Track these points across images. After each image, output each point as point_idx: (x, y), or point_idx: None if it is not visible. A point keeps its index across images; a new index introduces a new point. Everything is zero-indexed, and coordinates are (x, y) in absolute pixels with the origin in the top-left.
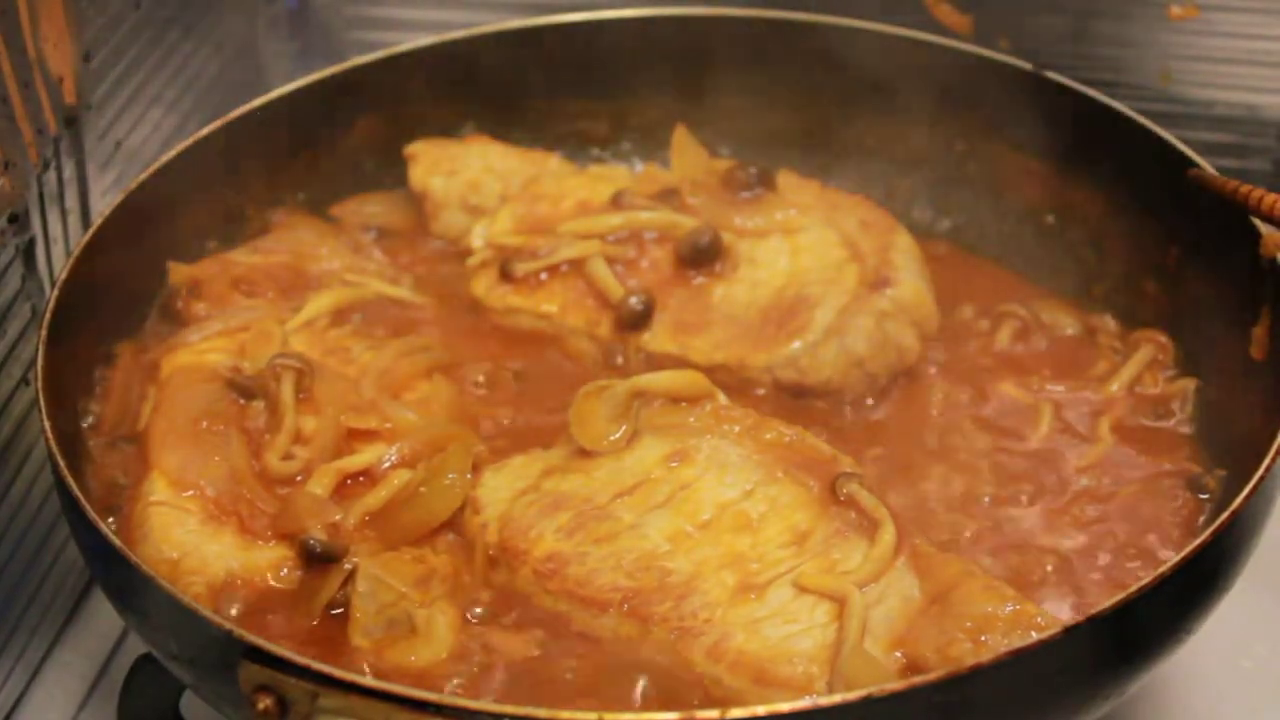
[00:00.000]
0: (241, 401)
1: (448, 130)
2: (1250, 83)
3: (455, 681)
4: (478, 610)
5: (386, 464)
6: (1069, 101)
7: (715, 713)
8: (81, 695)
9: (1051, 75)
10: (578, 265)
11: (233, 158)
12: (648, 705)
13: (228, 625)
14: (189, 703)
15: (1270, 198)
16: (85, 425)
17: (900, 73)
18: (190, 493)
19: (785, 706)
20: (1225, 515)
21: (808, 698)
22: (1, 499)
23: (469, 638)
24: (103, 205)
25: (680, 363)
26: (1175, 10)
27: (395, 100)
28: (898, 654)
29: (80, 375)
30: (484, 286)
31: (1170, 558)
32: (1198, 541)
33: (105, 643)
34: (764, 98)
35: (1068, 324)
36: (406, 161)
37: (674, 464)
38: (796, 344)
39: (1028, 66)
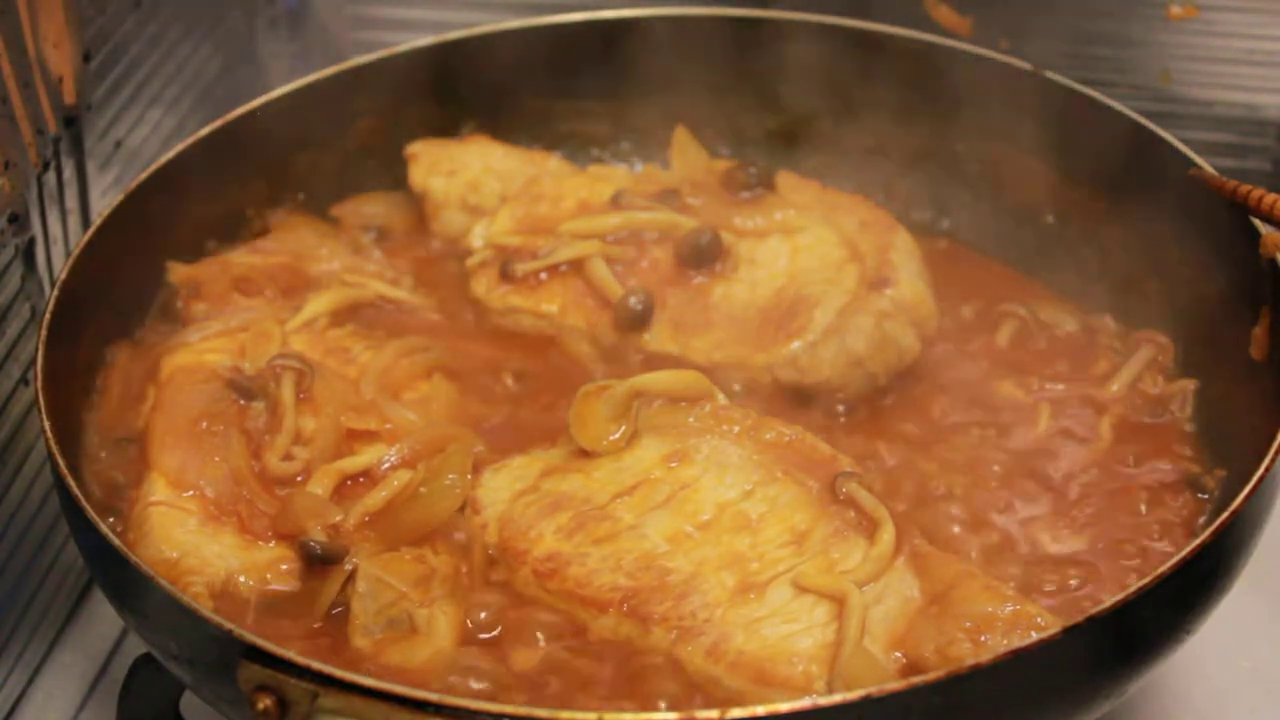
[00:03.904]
0: (241, 402)
1: (448, 130)
2: (1250, 83)
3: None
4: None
5: (386, 464)
6: (1069, 101)
7: (715, 713)
8: (81, 695)
9: (1051, 75)
10: (578, 265)
11: (233, 158)
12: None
13: (227, 625)
14: (189, 703)
15: (1270, 198)
16: (85, 425)
17: (900, 73)
18: (190, 493)
19: (785, 706)
20: (1225, 515)
21: (807, 698)
22: (1, 499)
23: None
24: (103, 205)
25: (680, 363)
26: (1175, 10)
27: (395, 100)
28: (897, 654)
29: (80, 375)
30: (484, 286)
31: (1170, 558)
32: (1198, 541)
33: (105, 643)
34: (764, 98)
35: (1068, 324)
36: (406, 161)
37: (673, 464)
38: (796, 344)
39: (1028, 66)
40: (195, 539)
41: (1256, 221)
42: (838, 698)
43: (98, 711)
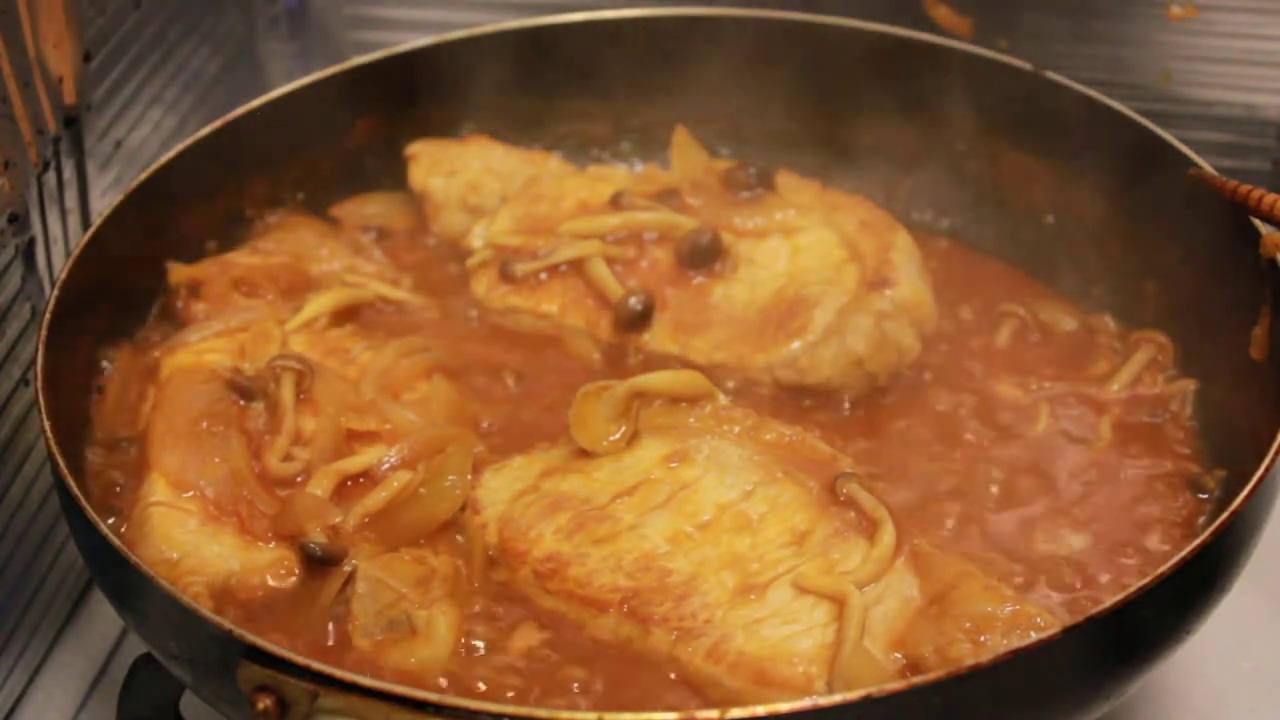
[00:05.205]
0: (241, 402)
1: (448, 130)
2: (1250, 83)
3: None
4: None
5: (386, 465)
6: (1069, 101)
7: (715, 713)
8: (81, 695)
9: (1051, 75)
10: (577, 265)
11: (233, 158)
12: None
13: (227, 625)
14: (189, 703)
15: (1270, 198)
16: (85, 425)
17: (900, 73)
18: (190, 493)
19: (785, 707)
20: (1225, 515)
21: (807, 698)
22: (1, 499)
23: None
24: (103, 205)
25: (680, 363)
26: (1175, 10)
27: (395, 100)
28: (897, 654)
29: (80, 375)
30: (484, 286)
31: (1170, 558)
32: (1198, 541)
33: (105, 643)
34: (764, 98)
35: (1067, 324)
36: (406, 161)
37: (674, 464)
38: (796, 344)
39: (1028, 66)
40: (195, 539)
41: (1256, 221)
42: (838, 698)
43: (98, 711)
